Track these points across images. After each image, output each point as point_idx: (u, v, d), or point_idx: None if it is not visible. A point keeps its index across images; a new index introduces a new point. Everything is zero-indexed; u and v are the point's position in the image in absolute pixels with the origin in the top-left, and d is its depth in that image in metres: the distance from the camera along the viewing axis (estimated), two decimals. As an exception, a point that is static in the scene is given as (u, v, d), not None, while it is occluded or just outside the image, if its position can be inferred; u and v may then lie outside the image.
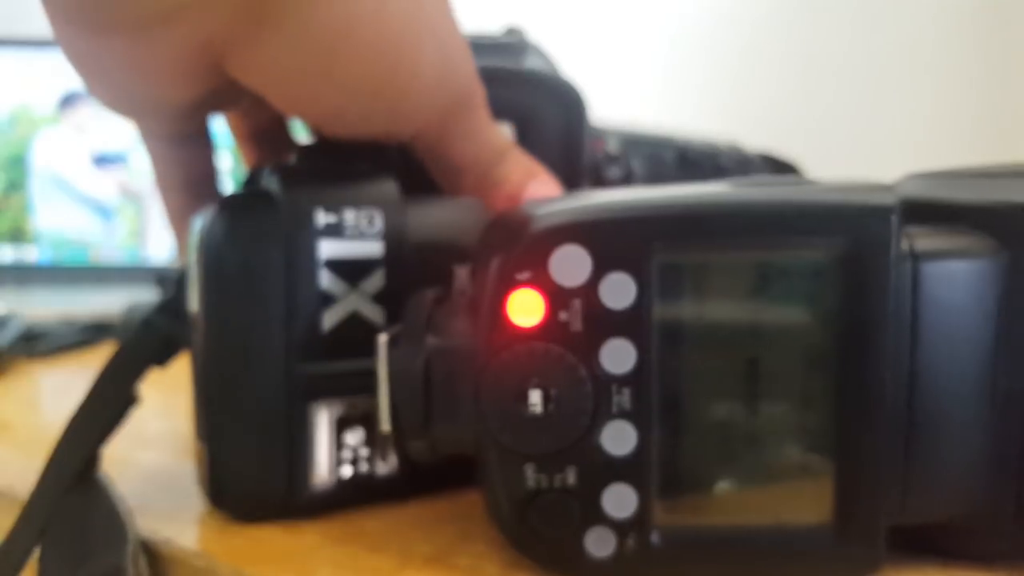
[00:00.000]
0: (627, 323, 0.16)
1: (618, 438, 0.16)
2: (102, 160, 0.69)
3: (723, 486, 0.17)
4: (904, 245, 0.16)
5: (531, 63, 0.24)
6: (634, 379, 0.16)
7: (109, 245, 0.67)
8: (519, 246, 0.16)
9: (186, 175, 0.23)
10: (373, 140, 0.20)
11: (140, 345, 0.20)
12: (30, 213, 0.67)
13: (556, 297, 0.16)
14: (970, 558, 0.17)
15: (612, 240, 0.16)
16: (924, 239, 0.16)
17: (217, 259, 0.18)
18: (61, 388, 0.35)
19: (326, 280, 0.19)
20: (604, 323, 0.16)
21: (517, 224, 0.16)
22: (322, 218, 0.19)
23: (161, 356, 0.21)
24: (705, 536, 0.17)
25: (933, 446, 0.16)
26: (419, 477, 0.20)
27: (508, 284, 0.16)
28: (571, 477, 0.16)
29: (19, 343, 0.38)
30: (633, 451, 0.16)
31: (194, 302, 0.19)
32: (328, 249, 0.19)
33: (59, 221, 0.67)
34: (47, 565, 0.17)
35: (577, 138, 0.24)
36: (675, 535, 0.16)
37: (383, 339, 0.17)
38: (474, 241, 0.18)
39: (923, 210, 0.17)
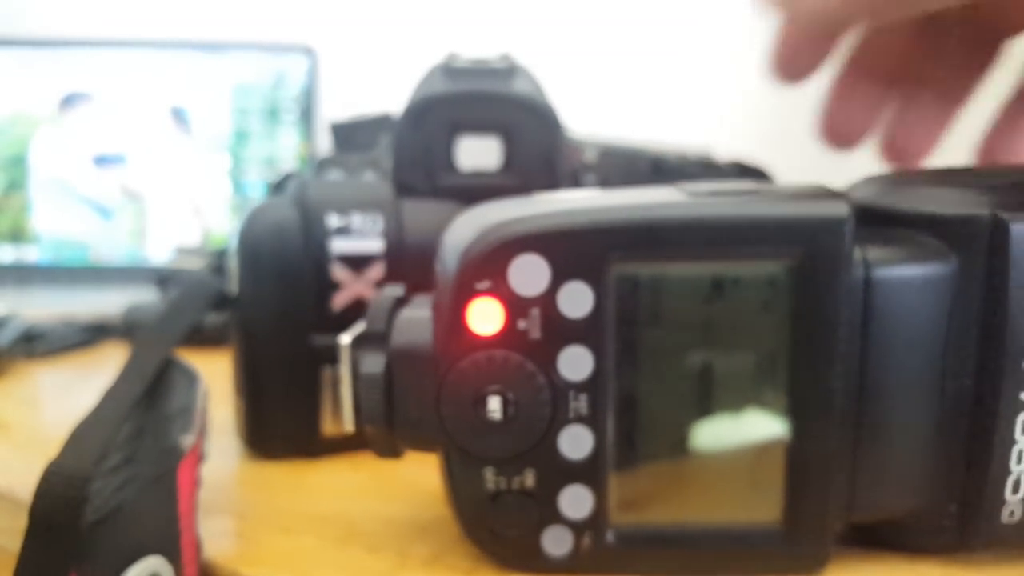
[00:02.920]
0: (585, 331, 0.16)
1: (575, 442, 0.16)
2: (102, 160, 0.68)
3: (676, 487, 0.17)
4: (856, 253, 0.16)
5: (518, 86, 0.26)
6: (591, 385, 0.16)
7: (109, 245, 0.67)
8: (479, 255, 0.16)
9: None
10: None
11: (203, 287, 0.23)
12: (30, 213, 0.67)
13: (515, 306, 0.16)
14: (918, 552, 0.18)
15: (570, 250, 0.16)
16: (876, 247, 0.16)
17: (253, 253, 0.23)
18: (61, 389, 0.34)
19: (336, 270, 0.23)
20: (562, 331, 0.16)
21: (477, 232, 0.16)
22: (334, 220, 0.23)
23: (216, 303, 0.24)
24: (658, 535, 0.17)
25: (881, 448, 0.17)
26: None
27: (468, 292, 0.16)
28: (529, 479, 0.16)
29: (19, 343, 0.37)
30: (589, 455, 0.16)
31: (234, 285, 0.23)
32: (338, 245, 0.23)
33: (59, 221, 0.67)
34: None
35: (554, 152, 0.26)
36: (629, 534, 0.17)
37: (346, 340, 0.17)
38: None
39: (876, 216, 0.17)
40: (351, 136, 0.31)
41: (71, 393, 0.33)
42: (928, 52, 0.22)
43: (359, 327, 0.17)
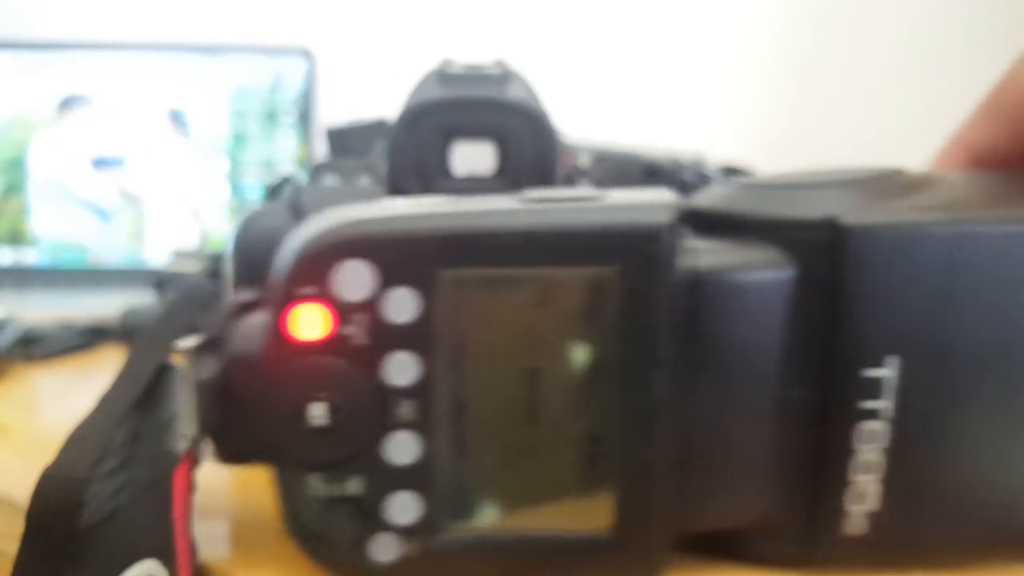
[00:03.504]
0: (411, 337, 0.16)
1: (402, 448, 0.16)
2: (101, 163, 0.68)
3: (506, 493, 0.17)
4: (686, 261, 0.16)
5: (513, 92, 0.26)
6: (418, 391, 0.16)
7: (107, 248, 0.67)
8: (303, 260, 0.16)
9: None
10: None
11: (199, 292, 0.22)
12: (28, 215, 0.67)
13: (340, 311, 0.15)
14: (764, 561, 0.18)
15: (396, 256, 0.15)
16: (707, 254, 0.16)
17: (247, 258, 0.22)
18: (59, 392, 0.34)
19: None
20: (388, 337, 0.16)
21: (304, 236, 0.16)
22: None
23: (211, 307, 0.23)
24: (488, 541, 0.17)
25: (713, 457, 0.16)
26: None
27: (291, 298, 0.16)
28: (356, 486, 0.16)
29: (17, 346, 0.37)
30: (417, 460, 0.16)
31: (229, 290, 0.22)
32: None
33: (57, 224, 0.67)
34: None
35: (549, 157, 0.26)
36: (458, 540, 0.17)
37: (186, 345, 0.17)
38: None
39: (720, 222, 0.17)
40: (346, 141, 0.31)
41: (69, 396, 0.33)
42: None
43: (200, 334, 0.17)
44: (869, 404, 0.16)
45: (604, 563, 0.16)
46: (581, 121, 0.34)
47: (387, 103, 0.30)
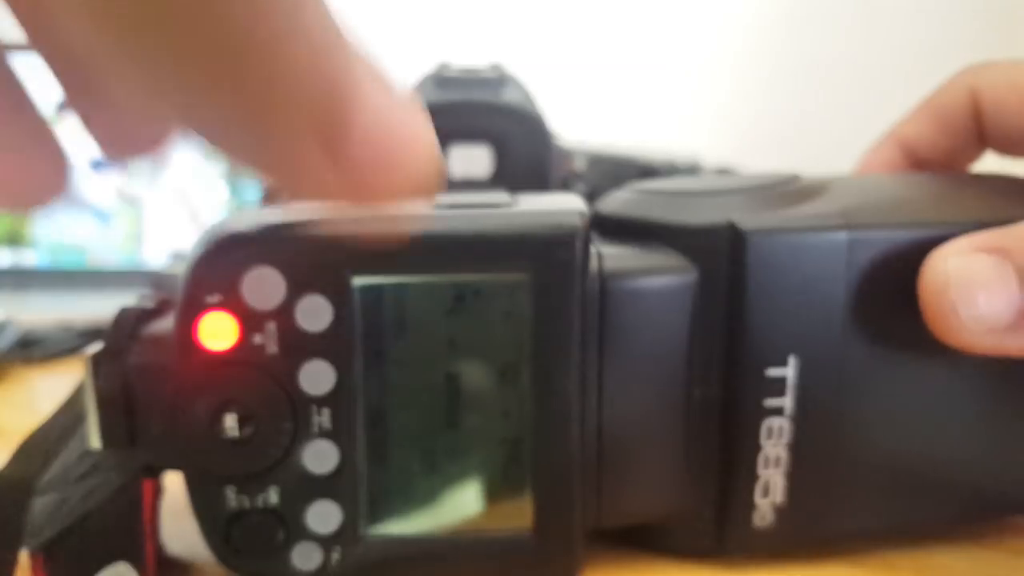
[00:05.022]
0: (324, 345, 0.15)
1: (319, 457, 0.16)
2: (100, 164, 0.68)
3: (427, 498, 0.17)
4: (593, 265, 0.16)
5: (509, 95, 0.26)
6: (333, 399, 0.16)
7: (107, 249, 0.67)
8: (209, 267, 0.15)
9: None
10: None
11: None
12: (27, 217, 0.67)
13: (249, 320, 0.15)
14: (680, 553, 0.18)
15: (306, 263, 0.15)
16: (613, 259, 0.16)
17: None
18: (58, 394, 0.34)
19: None
20: (301, 345, 0.15)
21: (210, 243, 0.15)
22: None
23: None
24: (411, 546, 0.17)
25: (625, 455, 0.17)
26: None
27: (198, 307, 0.15)
28: (273, 497, 0.16)
29: (16, 348, 0.37)
30: (335, 468, 0.16)
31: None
32: None
33: (56, 225, 0.67)
34: None
35: (544, 160, 0.26)
36: (381, 546, 0.16)
37: (88, 354, 0.16)
38: None
39: (625, 227, 0.17)
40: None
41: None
42: None
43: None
44: (773, 402, 0.16)
45: (526, 562, 0.17)
46: (577, 124, 0.34)
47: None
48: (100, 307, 0.47)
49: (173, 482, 0.19)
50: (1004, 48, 0.73)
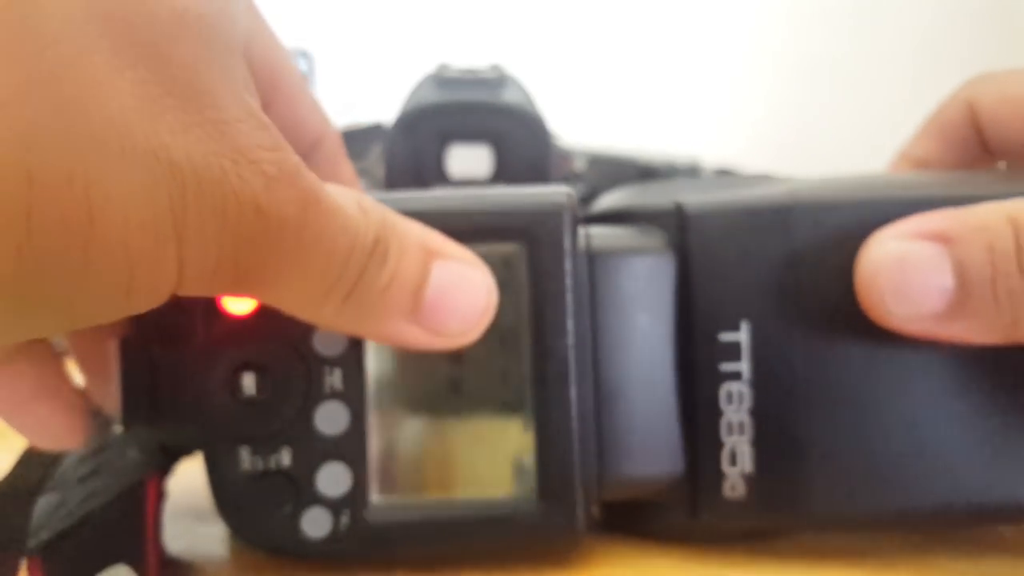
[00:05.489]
0: None
1: (331, 418, 0.17)
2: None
3: (433, 462, 0.18)
4: (583, 242, 0.17)
5: (508, 95, 0.26)
6: (345, 360, 0.17)
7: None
8: None
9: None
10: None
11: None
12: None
13: None
14: (675, 532, 0.19)
15: None
16: (600, 238, 0.18)
17: None
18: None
19: None
20: None
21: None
22: None
23: None
24: (417, 510, 0.17)
25: (621, 418, 0.18)
26: None
27: None
28: (286, 458, 0.17)
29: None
30: (346, 430, 0.17)
31: None
32: None
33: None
34: None
35: (544, 160, 0.26)
36: (388, 511, 0.17)
37: (115, 342, 0.17)
38: None
39: (607, 217, 0.19)
40: (343, 145, 0.31)
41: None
42: None
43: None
44: (729, 366, 0.17)
45: (529, 527, 0.17)
46: (576, 124, 0.34)
47: (384, 106, 0.30)
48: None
49: (177, 485, 0.19)
50: (1008, 52, 0.73)
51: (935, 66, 0.70)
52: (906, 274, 0.15)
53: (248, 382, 0.16)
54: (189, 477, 0.22)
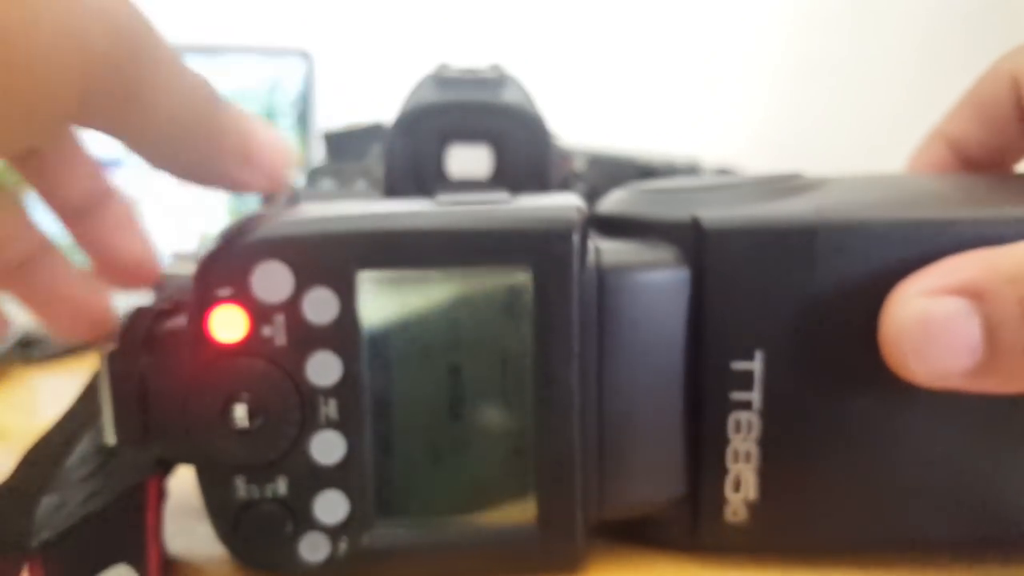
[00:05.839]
0: (331, 336, 0.16)
1: (327, 447, 0.16)
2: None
3: (432, 489, 0.17)
4: (591, 259, 0.16)
5: (508, 96, 0.26)
6: (340, 390, 0.16)
7: (105, 249, 0.67)
8: (220, 262, 0.16)
9: None
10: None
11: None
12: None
13: (259, 313, 0.16)
14: (674, 547, 0.18)
15: (313, 257, 0.16)
16: (610, 253, 0.17)
17: None
18: (59, 394, 0.34)
19: None
20: (308, 337, 0.16)
21: (221, 239, 0.16)
22: None
23: None
24: (416, 537, 0.17)
25: (626, 445, 0.17)
26: None
27: (209, 300, 0.16)
28: (282, 487, 0.16)
29: (16, 349, 0.38)
30: (342, 459, 0.16)
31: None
32: None
33: (56, 225, 0.67)
34: None
35: (544, 160, 0.26)
36: (387, 537, 0.17)
37: (104, 353, 0.16)
38: None
39: (615, 225, 0.18)
40: (343, 145, 0.31)
41: (69, 398, 0.33)
42: None
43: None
44: (740, 396, 0.17)
45: (531, 555, 0.17)
46: (577, 124, 0.34)
47: (384, 106, 0.30)
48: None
49: (177, 484, 0.19)
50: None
51: (936, 66, 0.70)
52: (931, 336, 0.15)
53: (240, 413, 0.16)
54: (189, 477, 0.22)
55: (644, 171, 0.30)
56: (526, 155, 0.26)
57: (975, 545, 0.18)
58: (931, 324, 0.15)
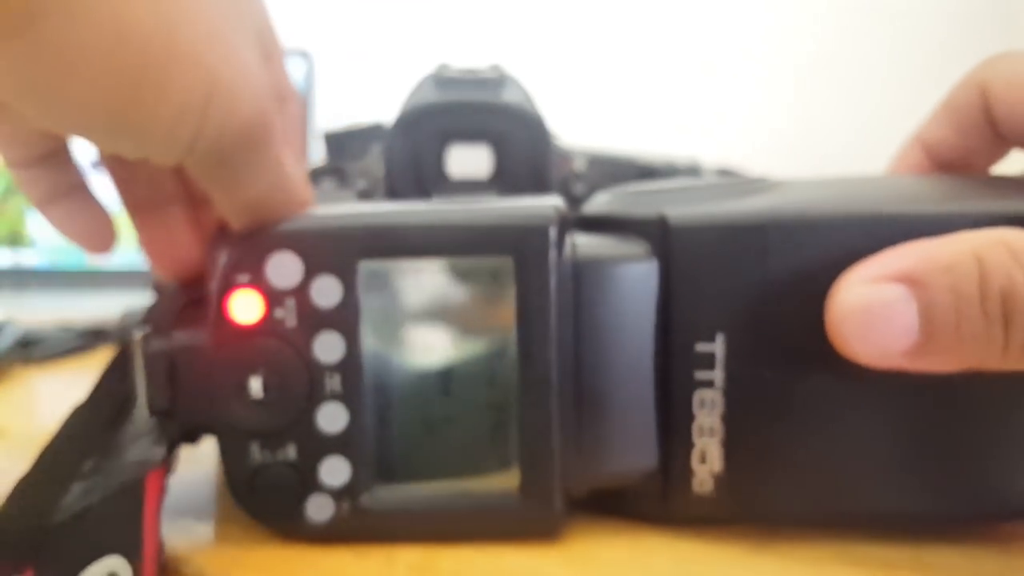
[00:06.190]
0: (336, 318, 0.18)
1: (331, 417, 0.18)
2: (100, 164, 0.68)
3: (426, 458, 0.19)
4: (568, 252, 0.18)
5: (508, 95, 0.26)
6: (343, 366, 0.18)
7: (105, 249, 0.67)
8: (239, 251, 0.18)
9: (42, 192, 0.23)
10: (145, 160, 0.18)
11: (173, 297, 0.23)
12: (27, 217, 0.67)
13: (273, 297, 0.18)
14: (647, 519, 0.20)
15: (320, 248, 0.18)
16: (586, 247, 0.18)
17: None
18: (58, 394, 0.34)
19: None
20: (316, 319, 0.18)
21: (240, 231, 0.18)
22: None
23: None
24: (410, 500, 0.19)
25: (601, 418, 0.19)
26: None
27: (230, 285, 0.18)
28: (292, 452, 0.18)
29: (16, 349, 0.37)
30: (345, 428, 0.18)
31: None
32: None
33: (57, 225, 0.67)
34: None
35: (544, 160, 0.26)
36: (384, 499, 0.19)
37: (138, 335, 0.18)
38: None
39: (595, 223, 0.19)
40: (344, 145, 0.31)
41: (69, 398, 0.33)
42: None
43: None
44: (703, 375, 0.18)
45: (514, 520, 0.19)
46: (577, 124, 0.34)
47: (384, 106, 0.30)
48: (100, 307, 0.47)
49: (177, 483, 0.19)
50: None
51: (943, 69, 0.70)
52: (872, 320, 0.16)
53: (256, 386, 0.18)
54: (189, 476, 0.22)
55: (645, 171, 0.30)
56: (526, 155, 0.26)
57: (934, 518, 0.19)
58: (872, 309, 0.16)
